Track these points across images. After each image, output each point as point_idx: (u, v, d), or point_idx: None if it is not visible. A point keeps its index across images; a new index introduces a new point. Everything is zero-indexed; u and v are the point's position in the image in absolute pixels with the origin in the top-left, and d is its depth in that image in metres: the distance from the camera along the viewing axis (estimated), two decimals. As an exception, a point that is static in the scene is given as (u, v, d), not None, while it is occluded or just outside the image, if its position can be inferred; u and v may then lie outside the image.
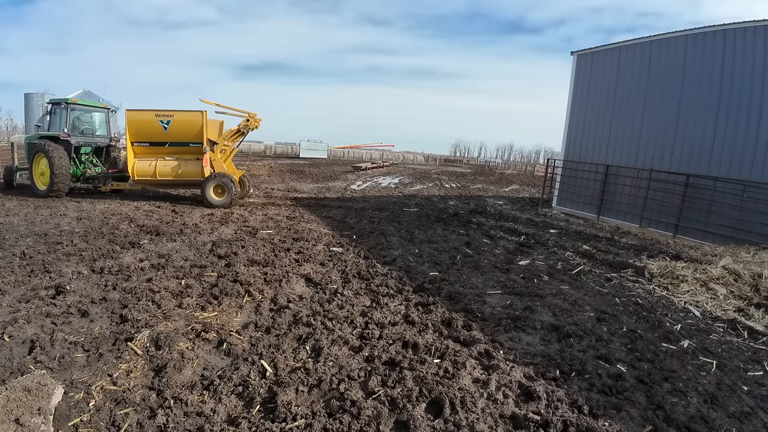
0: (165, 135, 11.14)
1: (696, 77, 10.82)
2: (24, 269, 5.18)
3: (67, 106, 11.08)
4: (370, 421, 2.73)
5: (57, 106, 11.35)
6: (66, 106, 11.06)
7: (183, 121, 11.11)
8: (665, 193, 11.09)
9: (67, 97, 11.33)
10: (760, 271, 6.17)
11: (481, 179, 28.92)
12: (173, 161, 11.29)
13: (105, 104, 12.38)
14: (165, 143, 11.24)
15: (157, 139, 11.18)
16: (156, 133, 11.10)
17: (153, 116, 11.00)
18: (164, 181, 11.51)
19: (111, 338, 3.68)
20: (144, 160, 11.19)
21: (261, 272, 5.67)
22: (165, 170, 11.21)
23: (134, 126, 11.08)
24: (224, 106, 11.53)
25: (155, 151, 11.29)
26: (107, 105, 12.48)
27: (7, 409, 2.54)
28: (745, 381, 3.62)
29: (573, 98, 14.55)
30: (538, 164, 58.66)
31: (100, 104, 12.21)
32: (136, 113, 11.07)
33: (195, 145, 11.33)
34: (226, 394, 2.99)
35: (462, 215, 11.96)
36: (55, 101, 11.59)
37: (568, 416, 2.89)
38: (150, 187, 12.37)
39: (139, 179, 11.25)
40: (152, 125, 11.02)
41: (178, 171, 11.26)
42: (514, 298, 5.32)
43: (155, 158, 11.23)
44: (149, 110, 11.07)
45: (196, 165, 11.30)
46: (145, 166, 11.13)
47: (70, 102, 11.17)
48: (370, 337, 3.94)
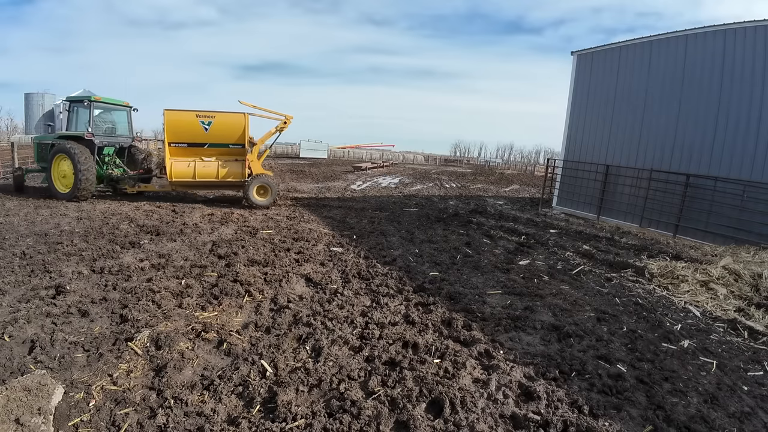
0: (205, 136, 10.98)
1: (696, 77, 10.82)
2: (24, 269, 5.18)
3: (90, 103, 10.64)
4: (370, 421, 2.73)
5: (78, 103, 10.92)
6: (89, 104, 10.63)
7: (225, 123, 11.03)
8: (665, 193, 11.09)
9: (90, 95, 10.83)
10: (761, 271, 6.17)
11: (481, 179, 28.92)
12: (212, 162, 11.12)
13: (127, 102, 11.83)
14: (204, 144, 11.06)
15: (196, 140, 10.97)
16: (196, 133, 10.91)
17: (194, 117, 10.83)
18: (203, 182, 11.33)
19: (111, 338, 3.68)
20: (181, 161, 10.92)
21: (261, 272, 5.67)
22: (205, 171, 11.03)
23: (173, 126, 10.77)
24: (261, 108, 11.49)
25: (193, 152, 11.06)
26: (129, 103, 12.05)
27: (7, 408, 2.54)
28: (745, 381, 3.62)
29: (573, 98, 14.55)
30: (538, 164, 58.66)
31: (123, 102, 11.68)
32: (175, 113, 10.79)
33: (235, 147, 11.27)
34: (226, 394, 2.99)
35: (462, 215, 11.96)
36: (74, 98, 11.11)
37: (568, 416, 2.89)
38: (184, 188, 12.03)
39: (177, 181, 10.97)
40: (192, 126, 10.84)
41: (219, 172, 11.12)
42: (514, 298, 5.32)
43: (193, 159, 11.01)
44: (189, 110, 10.91)
45: (238, 166, 11.28)
46: (183, 168, 10.86)
47: (93, 99, 10.72)
48: (370, 337, 3.94)
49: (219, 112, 11.03)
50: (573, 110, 14.53)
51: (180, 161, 10.92)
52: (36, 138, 12.04)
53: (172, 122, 10.76)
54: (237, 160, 11.36)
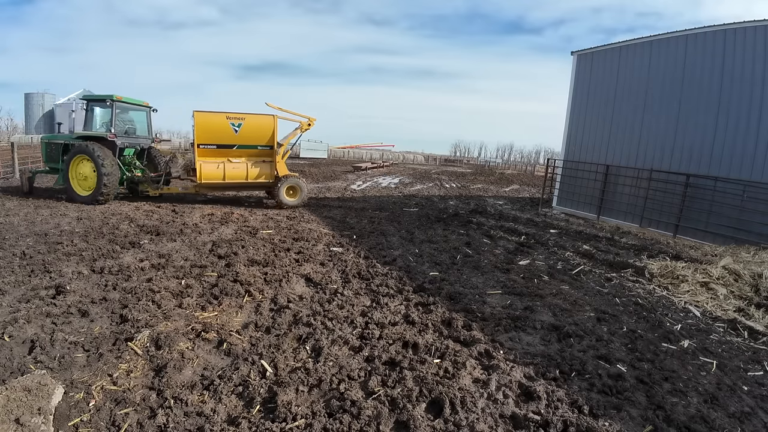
0: (235, 137, 11.00)
1: (696, 77, 10.82)
2: (24, 269, 5.18)
3: (113, 103, 10.40)
4: (370, 421, 2.73)
5: (98, 102, 10.67)
6: (111, 104, 10.38)
7: (255, 125, 11.11)
8: (665, 193, 11.09)
9: (112, 94, 10.46)
10: (761, 271, 6.17)
11: (481, 179, 28.92)
12: (241, 164, 11.19)
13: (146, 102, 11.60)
14: (233, 146, 11.07)
15: (226, 141, 10.97)
16: (226, 135, 10.91)
17: (224, 119, 10.85)
18: (233, 183, 11.39)
19: (111, 338, 3.68)
20: (210, 162, 10.88)
21: (261, 272, 5.67)
22: (235, 173, 11.10)
23: (203, 128, 10.71)
24: (287, 110, 11.69)
25: (222, 153, 11.06)
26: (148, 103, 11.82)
27: (7, 408, 2.54)
28: (745, 381, 3.62)
29: (573, 98, 14.55)
30: (538, 164, 58.64)
31: (142, 102, 11.47)
32: (205, 115, 10.77)
33: (264, 148, 11.36)
34: (226, 394, 2.99)
35: (462, 215, 11.96)
36: (94, 97, 10.83)
37: (568, 416, 2.89)
38: (212, 190, 11.97)
39: (206, 182, 10.94)
40: (222, 127, 10.85)
41: (249, 173, 11.22)
42: (514, 298, 5.32)
43: (222, 161, 11.01)
44: (219, 112, 10.92)
45: (267, 167, 11.43)
46: (212, 169, 10.86)
47: (115, 99, 10.46)
48: (370, 337, 3.94)
49: (249, 114, 11.10)
50: (573, 110, 14.53)
51: (209, 163, 10.87)
52: (45, 137, 11.63)
53: (202, 124, 10.69)
54: (265, 161, 11.48)
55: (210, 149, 10.90)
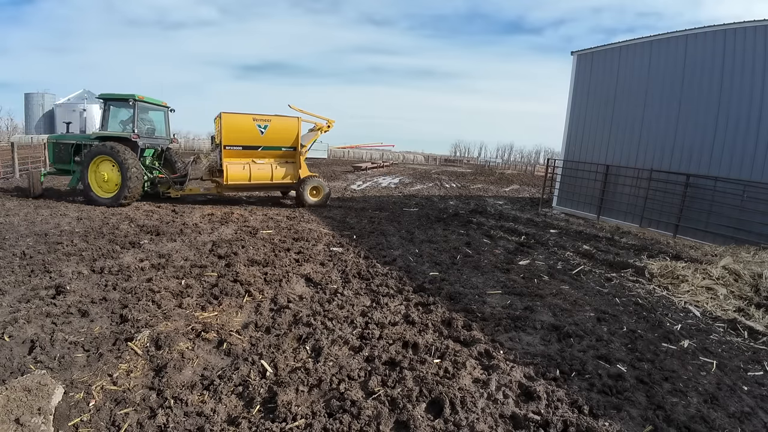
0: (261, 139, 11.15)
1: (696, 77, 10.82)
2: (24, 269, 5.18)
3: (135, 103, 10.21)
4: (370, 421, 2.73)
5: (119, 102, 10.40)
6: (134, 104, 10.20)
7: (280, 126, 11.31)
8: (665, 193, 11.09)
9: (134, 94, 10.28)
10: (761, 271, 6.17)
11: (481, 179, 28.92)
12: (266, 165, 11.35)
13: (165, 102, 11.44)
14: (258, 147, 11.22)
15: (252, 143, 11.08)
16: (252, 136, 11.03)
17: (251, 120, 10.96)
18: (258, 184, 11.56)
19: (111, 338, 3.68)
20: (236, 164, 10.97)
21: (261, 272, 5.67)
22: (260, 174, 11.24)
23: (230, 129, 10.76)
24: (308, 112, 11.99)
25: (246, 154, 11.15)
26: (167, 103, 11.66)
27: (7, 408, 2.54)
28: (745, 381, 3.62)
29: (573, 98, 14.55)
30: (538, 164, 58.64)
31: (161, 102, 11.30)
32: (233, 116, 10.82)
33: (288, 149, 11.60)
34: (226, 394, 2.99)
35: (462, 215, 11.96)
36: (113, 96, 10.42)
37: (568, 416, 2.89)
38: (236, 191, 12.12)
39: (233, 183, 10.99)
40: (249, 129, 10.97)
41: (274, 174, 11.42)
42: (514, 298, 5.32)
43: (247, 162, 11.11)
44: (246, 114, 11.01)
45: (291, 168, 11.69)
46: (239, 170, 10.93)
47: (138, 99, 10.28)
48: (370, 337, 3.94)
49: (274, 116, 11.30)
50: (573, 110, 14.54)
51: (235, 164, 10.94)
52: (52, 137, 11.27)
53: (230, 125, 10.74)
54: (288, 162, 11.72)
55: (235, 150, 10.95)
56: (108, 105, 10.44)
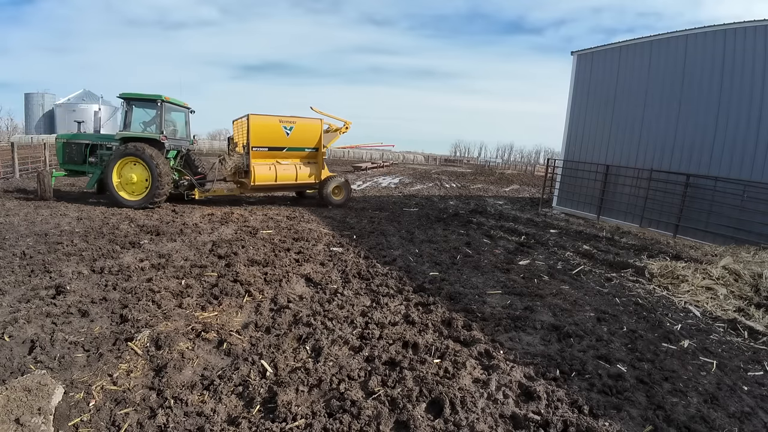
0: (286, 140, 11.40)
1: (696, 77, 10.82)
2: (24, 269, 5.18)
3: (162, 104, 10.13)
4: (370, 421, 2.72)
5: (144, 102, 10.24)
6: (161, 105, 10.12)
7: (304, 128, 11.60)
8: (665, 193, 11.09)
9: (160, 94, 10.15)
10: (761, 271, 6.17)
11: (481, 179, 28.92)
12: (290, 166, 11.61)
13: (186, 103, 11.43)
14: (283, 148, 11.46)
15: (277, 144, 11.32)
16: (278, 138, 11.26)
17: (277, 122, 11.19)
18: (283, 185, 11.79)
19: (111, 338, 3.68)
20: (262, 165, 11.13)
21: (261, 272, 5.67)
22: (285, 174, 11.48)
23: (257, 130, 10.89)
24: (328, 114, 12.36)
25: (271, 155, 11.36)
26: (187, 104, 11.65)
27: (7, 409, 2.54)
28: (745, 381, 3.62)
29: (573, 98, 14.55)
30: (538, 164, 58.66)
31: (183, 103, 11.29)
32: (260, 118, 10.96)
33: (311, 150, 11.91)
34: (226, 394, 2.99)
35: (462, 215, 11.96)
36: (136, 96, 10.16)
37: (568, 416, 2.89)
38: (261, 191, 12.27)
39: (260, 184, 11.17)
40: (276, 130, 11.18)
41: (298, 175, 11.70)
42: (514, 298, 5.32)
43: (272, 163, 11.33)
44: (273, 116, 11.22)
45: (315, 168, 12.04)
46: (265, 171, 11.11)
47: (164, 100, 10.18)
48: (370, 337, 3.94)
49: (299, 117, 11.58)
50: (573, 110, 14.54)
51: (261, 165, 11.11)
52: (62, 136, 10.92)
53: (258, 126, 10.87)
54: (311, 162, 12.02)
55: (261, 151, 11.12)
56: (130, 105, 10.19)
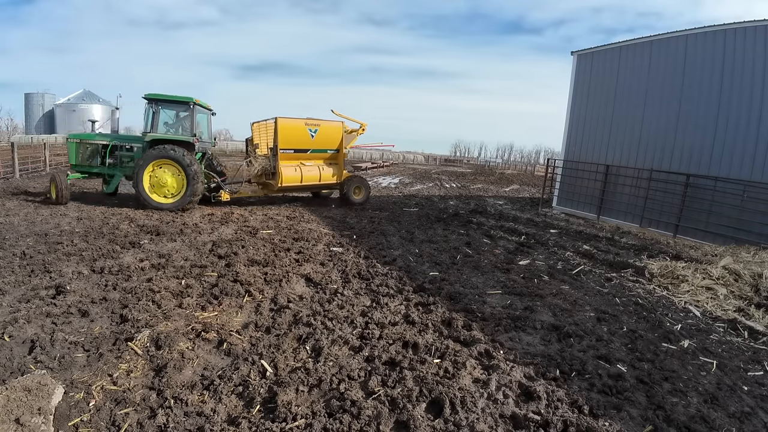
0: (311, 142, 11.76)
1: (696, 77, 10.82)
2: (24, 269, 5.18)
3: (194, 106, 10.08)
4: (370, 421, 2.72)
5: (173, 104, 10.19)
6: (193, 107, 10.07)
7: (327, 130, 11.99)
8: (665, 193, 11.09)
9: (191, 97, 10.14)
10: (761, 271, 6.17)
11: (482, 179, 28.92)
12: (314, 167, 11.96)
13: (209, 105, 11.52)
14: (308, 150, 11.81)
15: (302, 146, 11.66)
16: (303, 140, 11.58)
17: (303, 124, 11.51)
18: (307, 186, 12.12)
19: (111, 338, 3.68)
20: (288, 166, 11.40)
21: (261, 272, 5.67)
22: (310, 175, 11.77)
23: (285, 133, 11.13)
24: (347, 117, 12.86)
25: (296, 157, 11.64)
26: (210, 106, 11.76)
27: (7, 408, 2.54)
28: (745, 381, 3.62)
29: (573, 98, 14.55)
30: (538, 164, 58.66)
31: (207, 105, 11.35)
32: (288, 120, 11.23)
33: (332, 152, 12.36)
34: (226, 394, 2.99)
35: (462, 215, 11.96)
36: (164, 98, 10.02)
37: (568, 416, 2.89)
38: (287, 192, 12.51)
39: (286, 185, 11.42)
40: (301, 133, 11.49)
41: (322, 175, 12.04)
42: (515, 298, 5.32)
43: (297, 164, 11.61)
44: (299, 119, 11.52)
45: (336, 169, 12.44)
46: (291, 172, 11.37)
47: (195, 102, 10.15)
48: (370, 337, 3.94)
49: (322, 120, 11.98)
50: (573, 110, 14.54)
51: (287, 167, 11.36)
52: (74, 136, 10.54)
53: (285, 129, 11.14)
54: (333, 163, 12.43)
55: (288, 153, 11.41)
56: (157, 106, 10.00)
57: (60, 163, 20.18)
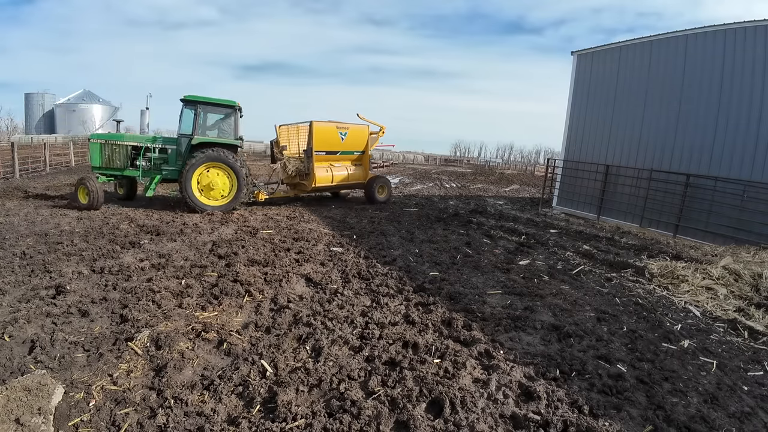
0: (341, 145, 12.52)
1: (696, 77, 10.82)
2: (24, 269, 5.18)
3: (238, 110, 10.35)
4: (370, 421, 2.73)
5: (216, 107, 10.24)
6: (237, 110, 10.35)
7: (355, 133, 12.81)
8: (665, 193, 11.09)
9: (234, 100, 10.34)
10: (761, 271, 6.17)
11: (482, 179, 28.91)
12: (343, 168, 12.73)
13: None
14: (337, 152, 12.57)
15: (333, 148, 12.41)
16: (334, 143, 12.34)
17: (335, 128, 12.31)
18: (337, 186, 12.94)
19: (111, 338, 3.68)
20: (321, 168, 12.04)
21: (261, 272, 5.67)
22: (340, 176, 12.57)
23: (319, 136, 11.74)
24: (370, 121, 13.56)
25: (326, 159, 12.31)
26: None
27: (7, 408, 2.54)
28: (745, 381, 3.62)
29: (573, 98, 14.55)
30: (538, 164, 58.68)
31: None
32: (322, 124, 11.98)
33: (358, 154, 13.16)
34: (227, 394, 2.99)
35: (462, 215, 11.96)
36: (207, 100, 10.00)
37: (568, 416, 2.89)
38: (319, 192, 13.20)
39: (319, 185, 12.09)
40: (333, 136, 12.27)
41: (350, 176, 12.85)
42: (515, 298, 5.32)
43: (328, 166, 12.30)
44: (331, 122, 12.34)
45: (362, 170, 13.24)
46: (324, 173, 12.08)
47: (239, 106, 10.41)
48: (371, 337, 3.94)
49: (350, 124, 12.74)
50: (573, 110, 14.54)
51: (320, 168, 12.03)
52: (98, 136, 10.23)
53: (319, 132, 11.77)
54: (358, 164, 13.21)
55: (320, 155, 12.04)
56: (198, 109, 9.86)
57: (60, 164, 20.18)
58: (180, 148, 10.04)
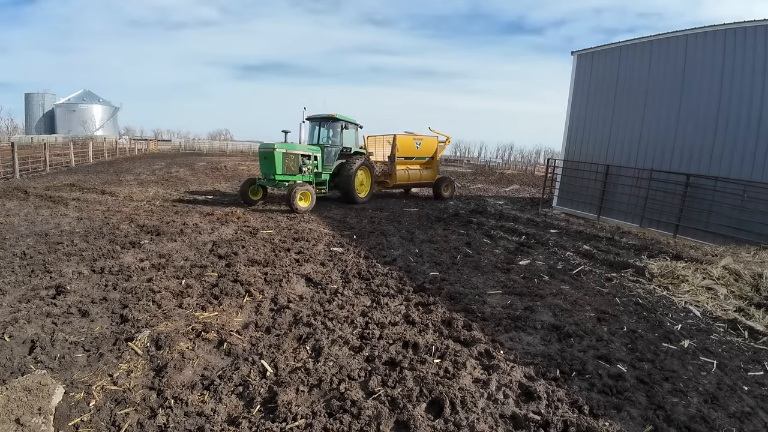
0: (416, 151, 15.60)
1: (696, 77, 10.82)
2: (24, 269, 5.18)
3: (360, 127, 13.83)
4: (370, 421, 2.73)
5: (352, 125, 13.35)
6: (360, 128, 13.87)
7: (427, 143, 15.93)
8: (665, 193, 11.09)
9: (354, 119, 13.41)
10: (761, 271, 6.17)
11: (482, 179, 28.90)
12: (416, 170, 15.79)
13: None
14: (413, 158, 15.64)
15: (410, 154, 15.47)
16: (411, 150, 15.44)
17: (412, 139, 15.45)
18: (411, 183, 15.91)
19: (111, 338, 3.68)
20: (401, 169, 15.10)
21: (261, 272, 5.67)
22: (414, 176, 15.65)
23: (401, 145, 14.81)
24: (439, 132, 16.33)
25: (404, 162, 15.36)
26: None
27: (7, 409, 2.54)
28: (745, 381, 3.62)
29: (573, 98, 14.54)
30: (538, 164, 58.65)
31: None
32: (404, 136, 15.13)
33: (428, 159, 16.17)
34: (227, 394, 2.99)
35: (462, 215, 11.95)
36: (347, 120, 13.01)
37: (569, 416, 2.89)
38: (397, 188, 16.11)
39: (399, 183, 15.17)
40: (410, 145, 15.37)
41: (422, 176, 15.93)
42: (515, 298, 5.31)
43: (405, 168, 15.39)
44: (410, 134, 15.56)
45: (431, 171, 16.25)
46: (403, 174, 15.18)
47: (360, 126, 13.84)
48: (371, 337, 3.94)
49: (423, 135, 15.92)
50: (573, 110, 14.53)
51: (400, 169, 15.09)
52: (278, 146, 11.13)
53: (401, 142, 14.82)
54: (428, 167, 16.19)
55: (400, 160, 14.98)
56: (341, 125, 12.87)
57: (60, 164, 20.17)
58: (329, 156, 12.62)
